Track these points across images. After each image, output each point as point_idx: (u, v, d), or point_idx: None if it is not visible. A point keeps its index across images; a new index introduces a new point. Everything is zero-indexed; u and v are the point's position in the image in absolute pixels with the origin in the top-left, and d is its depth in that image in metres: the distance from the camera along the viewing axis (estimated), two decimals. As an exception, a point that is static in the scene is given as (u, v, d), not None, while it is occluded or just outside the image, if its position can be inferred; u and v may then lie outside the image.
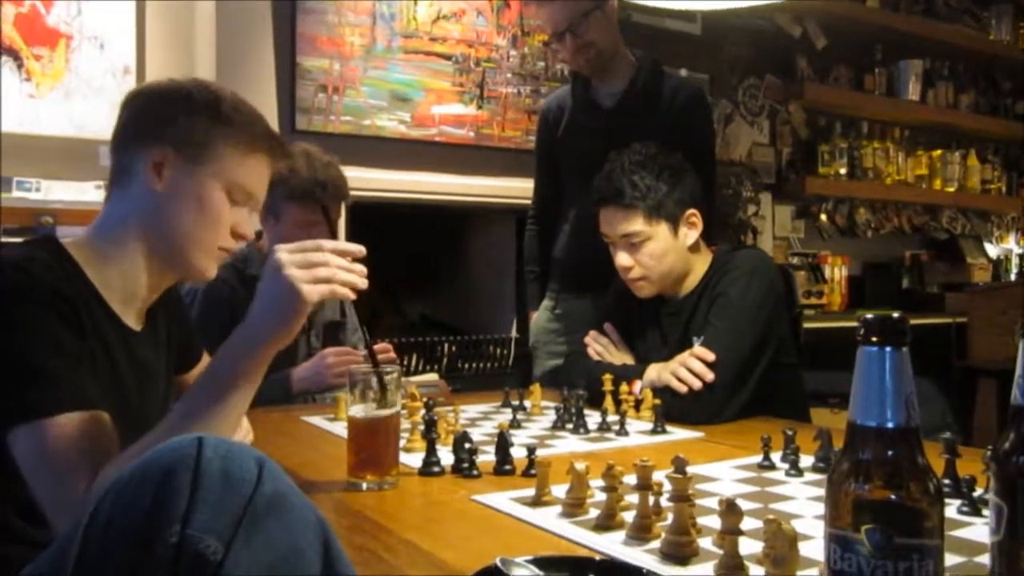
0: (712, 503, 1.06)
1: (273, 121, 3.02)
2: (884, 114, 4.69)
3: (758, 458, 1.31)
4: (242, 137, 1.26)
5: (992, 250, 5.23)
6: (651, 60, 2.50)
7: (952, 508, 1.06)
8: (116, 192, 1.27)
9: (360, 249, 1.14)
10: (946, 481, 1.12)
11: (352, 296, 1.13)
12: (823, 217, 4.59)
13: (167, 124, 1.23)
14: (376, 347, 2.00)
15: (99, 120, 3.02)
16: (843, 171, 4.46)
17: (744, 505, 1.06)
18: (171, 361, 1.43)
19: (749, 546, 0.89)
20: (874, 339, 0.59)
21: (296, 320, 1.07)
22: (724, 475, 1.26)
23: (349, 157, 2.59)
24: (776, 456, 1.31)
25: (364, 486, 1.19)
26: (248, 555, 0.70)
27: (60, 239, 1.24)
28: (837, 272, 4.48)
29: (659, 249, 1.86)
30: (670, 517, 0.94)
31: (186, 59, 3.17)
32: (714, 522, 0.94)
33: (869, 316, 0.60)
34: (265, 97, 3.02)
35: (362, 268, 1.13)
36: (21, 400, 1.03)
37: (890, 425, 0.58)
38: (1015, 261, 5.28)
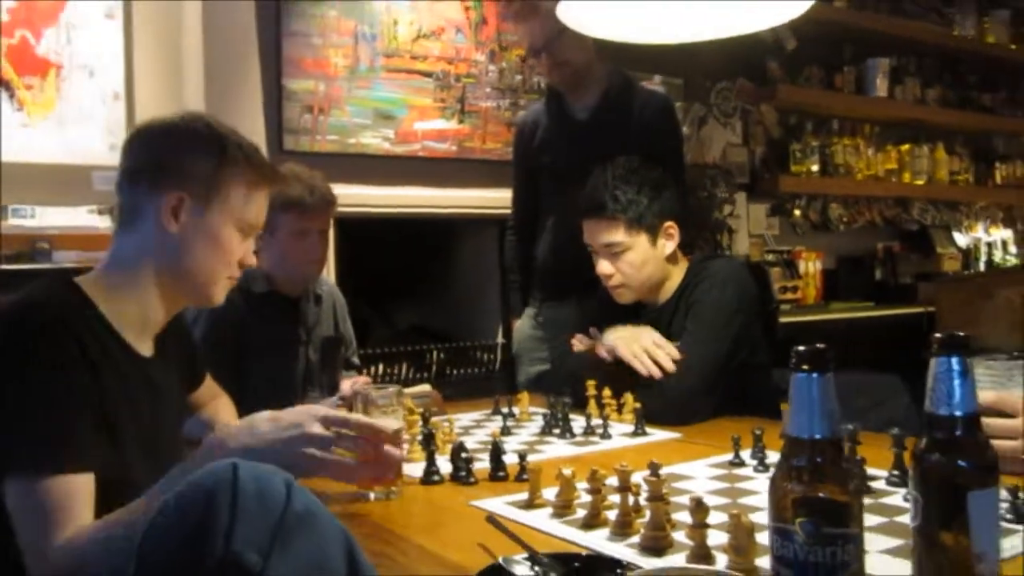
0: (688, 500, 1.18)
1: (261, 142, 3.13)
2: (854, 112, 4.81)
3: (730, 456, 1.43)
4: (248, 175, 1.35)
5: (962, 239, 5.38)
6: (621, 74, 2.62)
7: (899, 496, 1.19)
8: (126, 229, 1.34)
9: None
10: (895, 472, 1.24)
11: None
12: (797, 213, 4.70)
13: (180, 168, 1.30)
14: (357, 379, 2.15)
15: (91, 146, 3.11)
16: (815, 168, 4.58)
17: (715, 500, 1.19)
18: (183, 381, 1.53)
19: (718, 537, 1.01)
20: (804, 367, 0.71)
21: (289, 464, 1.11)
22: (699, 473, 1.38)
23: (336, 175, 2.67)
24: (746, 454, 1.43)
25: (372, 496, 1.30)
26: (284, 565, 0.82)
27: (75, 278, 1.29)
28: (812, 266, 4.60)
29: (638, 258, 1.98)
30: (648, 514, 1.05)
31: (175, 83, 3.25)
32: (688, 517, 1.07)
33: (800, 348, 0.72)
34: (253, 119, 3.10)
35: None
36: (20, 451, 1.10)
37: (818, 436, 0.70)
38: (984, 249, 5.43)
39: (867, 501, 1.17)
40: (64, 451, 1.12)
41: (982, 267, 5.37)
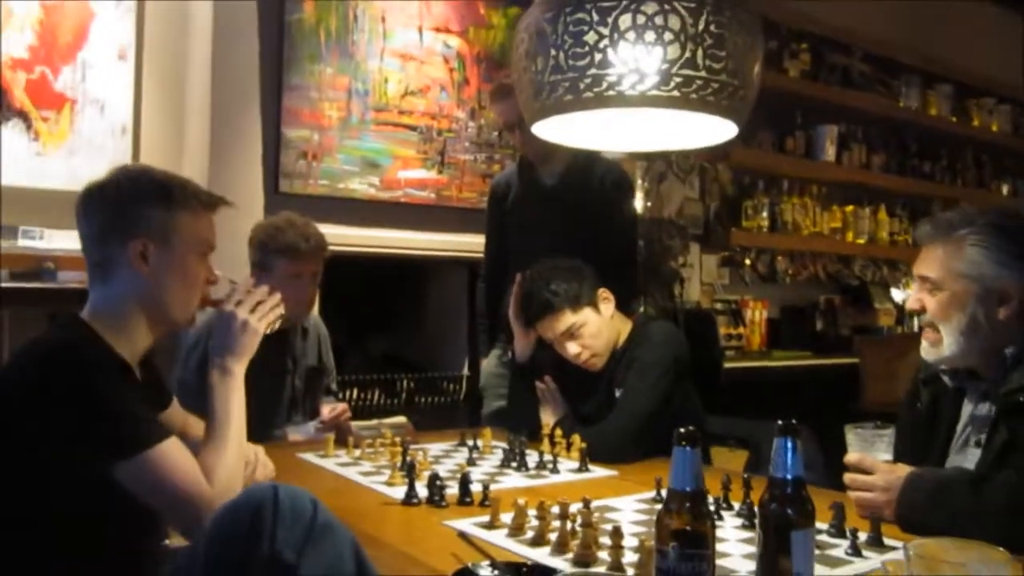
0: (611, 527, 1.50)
1: (259, 183, 3.43)
2: (803, 173, 5.15)
3: (653, 493, 1.76)
4: (195, 207, 1.56)
5: (898, 295, 5.77)
6: (585, 149, 2.96)
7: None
8: (100, 283, 1.51)
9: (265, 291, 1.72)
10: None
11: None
12: (747, 264, 5.02)
13: (137, 220, 1.50)
14: (336, 406, 2.48)
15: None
16: (765, 224, 4.92)
17: (635, 528, 1.51)
18: (160, 402, 1.75)
19: (633, 556, 1.33)
20: (683, 443, 1.04)
21: (254, 346, 1.63)
22: (626, 506, 1.70)
23: (324, 216, 2.96)
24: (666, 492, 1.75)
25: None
26: (312, 562, 1.13)
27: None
28: (757, 315, 4.92)
29: (594, 328, 2.31)
30: (580, 537, 1.38)
31: (179, 122, 3.52)
32: (609, 540, 1.39)
33: (680, 430, 1.05)
34: (252, 162, 3.40)
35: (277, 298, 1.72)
36: (122, 439, 1.34)
37: (688, 489, 1.03)
38: (918, 306, 5.82)
39: (749, 535, 1.50)
40: (152, 426, 1.39)
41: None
